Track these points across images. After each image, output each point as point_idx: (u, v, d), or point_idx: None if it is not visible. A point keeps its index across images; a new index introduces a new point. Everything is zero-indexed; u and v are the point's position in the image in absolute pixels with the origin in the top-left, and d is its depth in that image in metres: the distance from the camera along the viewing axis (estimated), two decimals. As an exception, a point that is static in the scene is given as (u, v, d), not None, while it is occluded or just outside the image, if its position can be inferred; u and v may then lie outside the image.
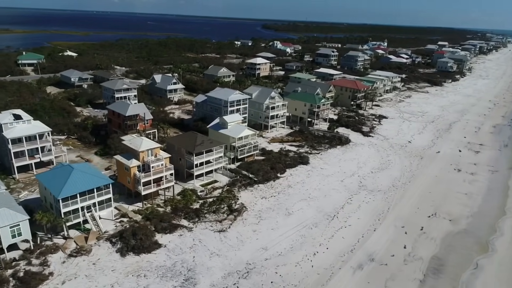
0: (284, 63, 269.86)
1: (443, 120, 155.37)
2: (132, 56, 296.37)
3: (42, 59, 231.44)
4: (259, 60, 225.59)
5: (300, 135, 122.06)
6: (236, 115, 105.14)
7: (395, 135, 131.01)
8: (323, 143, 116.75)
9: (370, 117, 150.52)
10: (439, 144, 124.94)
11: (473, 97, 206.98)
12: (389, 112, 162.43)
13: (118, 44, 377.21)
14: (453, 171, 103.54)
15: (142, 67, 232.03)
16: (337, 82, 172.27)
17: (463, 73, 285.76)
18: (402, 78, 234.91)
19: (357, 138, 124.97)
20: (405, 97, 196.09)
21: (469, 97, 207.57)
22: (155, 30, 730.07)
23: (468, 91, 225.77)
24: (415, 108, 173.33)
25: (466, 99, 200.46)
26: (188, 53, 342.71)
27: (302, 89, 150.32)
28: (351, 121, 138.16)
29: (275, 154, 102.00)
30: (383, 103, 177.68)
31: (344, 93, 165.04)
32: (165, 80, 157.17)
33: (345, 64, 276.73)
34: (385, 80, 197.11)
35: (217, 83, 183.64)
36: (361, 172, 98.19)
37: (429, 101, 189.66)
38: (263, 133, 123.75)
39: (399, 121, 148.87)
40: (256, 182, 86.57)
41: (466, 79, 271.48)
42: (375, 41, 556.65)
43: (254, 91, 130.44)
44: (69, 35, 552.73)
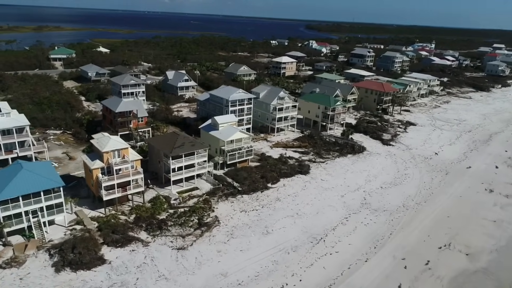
0: (314, 63, 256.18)
1: (482, 130, 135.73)
2: (163, 53, 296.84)
3: (72, 54, 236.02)
4: (284, 59, 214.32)
5: (309, 141, 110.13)
6: (231, 115, 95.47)
7: (421, 145, 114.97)
8: (332, 151, 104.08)
9: (396, 124, 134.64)
10: (472, 158, 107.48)
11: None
12: (419, 118, 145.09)
13: (153, 42, 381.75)
14: (483, 192, 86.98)
15: (167, 64, 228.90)
16: (362, 83, 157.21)
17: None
18: (442, 82, 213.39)
19: (374, 147, 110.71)
20: (442, 102, 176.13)
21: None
22: (195, 29, 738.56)
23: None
24: (451, 115, 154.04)
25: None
26: (220, 52, 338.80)
27: (321, 90, 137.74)
28: (371, 127, 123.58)
29: (272, 161, 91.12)
30: (415, 108, 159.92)
31: (369, 96, 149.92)
32: (177, 77, 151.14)
33: (381, 66, 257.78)
34: (420, 83, 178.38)
35: (235, 81, 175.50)
36: (368, 187, 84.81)
37: (470, 108, 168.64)
38: (269, 136, 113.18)
39: (428, 129, 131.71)
40: (240, 192, 76.52)
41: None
42: (422, 42, 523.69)
43: (262, 90, 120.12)
44: (113, 33, 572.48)
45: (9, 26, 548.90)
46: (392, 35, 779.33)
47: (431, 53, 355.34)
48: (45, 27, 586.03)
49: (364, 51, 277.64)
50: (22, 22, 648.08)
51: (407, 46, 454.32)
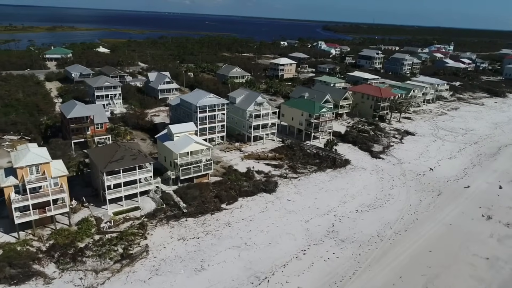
0: (317, 64, 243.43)
1: (491, 142, 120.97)
2: (165, 53, 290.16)
3: (68, 54, 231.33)
4: (282, 60, 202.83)
5: (287, 152, 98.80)
6: (189, 124, 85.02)
7: (415, 159, 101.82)
8: (310, 164, 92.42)
9: (391, 133, 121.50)
10: (473, 175, 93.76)
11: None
12: (420, 127, 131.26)
13: (159, 42, 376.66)
14: (479, 219, 73.76)
15: (163, 65, 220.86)
16: (358, 88, 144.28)
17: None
18: (453, 86, 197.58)
19: (361, 160, 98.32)
20: (450, 109, 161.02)
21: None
22: (208, 30, 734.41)
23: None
24: (458, 123, 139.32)
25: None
26: (226, 53, 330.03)
27: (310, 95, 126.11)
28: (360, 137, 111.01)
29: (234, 176, 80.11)
30: (418, 116, 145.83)
31: (365, 101, 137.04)
32: (158, 79, 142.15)
33: (390, 68, 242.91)
34: (427, 88, 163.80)
35: (225, 83, 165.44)
36: (341, 210, 72.93)
37: (481, 116, 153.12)
38: (244, 146, 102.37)
39: (428, 140, 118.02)
40: (185, 214, 66.12)
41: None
42: (441, 44, 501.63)
43: (239, 95, 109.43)
44: (125, 33, 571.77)
45: (24, 26, 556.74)
46: (410, 36, 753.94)
47: (446, 55, 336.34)
48: (59, 27, 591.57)
49: (372, 52, 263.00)
50: (42, 23, 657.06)
51: (423, 47, 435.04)
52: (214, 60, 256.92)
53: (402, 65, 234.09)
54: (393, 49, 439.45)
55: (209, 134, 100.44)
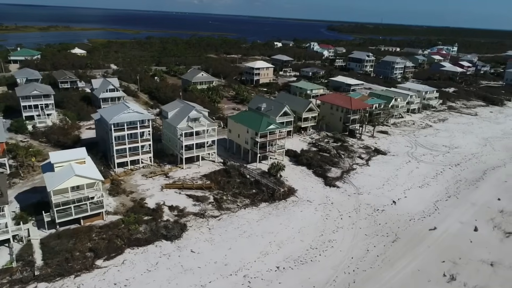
0: (300, 67, 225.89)
1: (476, 163, 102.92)
2: (146, 55, 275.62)
3: (35, 56, 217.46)
4: (258, 64, 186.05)
5: (222, 178, 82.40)
6: (78, 150, 68.91)
7: (378, 187, 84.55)
8: (243, 196, 75.89)
9: (359, 151, 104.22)
10: (444, 212, 76.25)
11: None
12: (396, 144, 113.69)
13: (144, 42, 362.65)
14: (439, 280, 56.49)
15: (131, 68, 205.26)
16: (326, 97, 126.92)
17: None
18: (446, 93, 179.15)
19: (310, 189, 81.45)
20: (437, 120, 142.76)
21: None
22: (207, 30, 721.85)
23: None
24: (441, 139, 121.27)
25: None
26: (212, 54, 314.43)
27: (267, 106, 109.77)
28: (316, 159, 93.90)
29: (129, 219, 63.77)
30: (397, 129, 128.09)
31: (334, 113, 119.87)
32: (102, 86, 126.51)
33: (380, 72, 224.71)
34: (412, 96, 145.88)
35: (186, 90, 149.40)
36: (256, 268, 56.22)
37: (471, 129, 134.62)
38: (173, 170, 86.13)
39: (401, 161, 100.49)
40: (37, 277, 49.97)
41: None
42: (445, 44, 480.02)
43: (173, 108, 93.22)
44: (120, 33, 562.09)
45: (17, 26, 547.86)
46: (415, 36, 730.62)
47: (446, 57, 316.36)
48: (53, 27, 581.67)
49: (362, 55, 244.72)
50: (41, 22, 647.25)
51: (425, 49, 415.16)
52: (194, 63, 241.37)
53: (392, 69, 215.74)
54: (393, 50, 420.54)
55: (131, 156, 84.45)
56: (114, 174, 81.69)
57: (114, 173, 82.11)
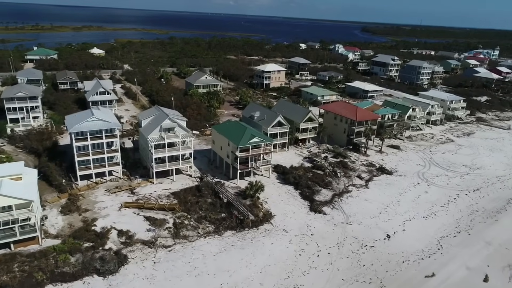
0: (317, 71, 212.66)
1: (499, 190, 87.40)
2: (165, 55, 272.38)
3: (50, 55, 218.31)
4: (269, 67, 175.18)
5: (192, 197, 73.04)
6: (15, 164, 61.52)
7: (373, 216, 72.02)
8: (209, 220, 66.02)
9: (360, 170, 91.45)
10: (450, 252, 62.74)
11: None
12: (406, 161, 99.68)
13: (167, 43, 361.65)
14: None
15: (140, 69, 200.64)
16: (330, 106, 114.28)
17: None
18: (476, 102, 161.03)
19: (292, 215, 70.31)
20: (461, 134, 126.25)
21: None
22: (238, 31, 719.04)
23: None
24: (462, 157, 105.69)
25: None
26: (232, 55, 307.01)
27: (260, 115, 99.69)
28: (306, 178, 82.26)
29: (62, 246, 55.31)
30: (411, 143, 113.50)
31: (338, 124, 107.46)
32: (94, 88, 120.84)
33: (405, 77, 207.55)
34: (432, 106, 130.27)
35: (187, 94, 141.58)
36: (194, 319, 46.28)
37: (500, 146, 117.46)
38: (142, 185, 77.74)
39: (408, 183, 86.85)
40: None
41: None
42: (486, 48, 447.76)
43: (148, 116, 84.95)
44: (149, 33, 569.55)
45: (52, 26, 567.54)
46: (453, 39, 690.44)
47: (484, 61, 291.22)
48: (86, 27, 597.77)
49: (387, 58, 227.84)
50: (79, 23, 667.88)
51: (461, 52, 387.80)
52: (209, 64, 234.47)
53: (418, 74, 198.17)
54: (427, 53, 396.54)
55: (96, 168, 76.83)
56: (75, 187, 74.35)
57: (75, 186, 74.78)
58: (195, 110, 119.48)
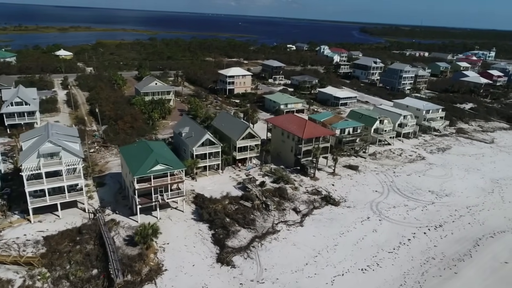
0: (290, 75, 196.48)
1: (469, 224, 71.23)
2: (140, 57, 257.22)
3: (7, 58, 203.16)
4: (232, 71, 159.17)
5: (71, 242, 57.49)
6: None
7: (297, 268, 56.03)
8: (74, 280, 50.37)
9: (301, 199, 75.55)
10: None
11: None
12: (361, 187, 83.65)
13: (147, 43, 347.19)
14: None
15: (105, 73, 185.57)
16: (278, 120, 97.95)
17: None
18: (459, 110, 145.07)
19: (186, 270, 54.44)
20: (435, 150, 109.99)
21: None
22: (231, 31, 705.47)
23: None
24: (431, 180, 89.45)
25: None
26: (211, 56, 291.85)
27: (189, 132, 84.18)
28: (222, 215, 66.46)
29: None
30: (374, 162, 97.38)
31: (286, 141, 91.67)
32: (12, 98, 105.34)
33: (386, 82, 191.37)
34: (405, 117, 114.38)
35: (130, 104, 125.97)
36: None
37: (478, 164, 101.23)
38: (13, 225, 62.18)
39: (354, 218, 70.89)
40: None
41: None
42: (483, 49, 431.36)
43: (31, 136, 69.28)
44: (138, 34, 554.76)
45: (37, 27, 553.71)
46: (449, 40, 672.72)
47: (476, 64, 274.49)
48: (72, 28, 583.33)
49: (369, 61, 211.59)
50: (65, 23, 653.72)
51: (456, 54, 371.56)
52: (183, 67, 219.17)
53: (400, 78, 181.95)
54: (420, 55, 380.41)
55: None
56: None
57: None
58: (128, 122, 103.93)
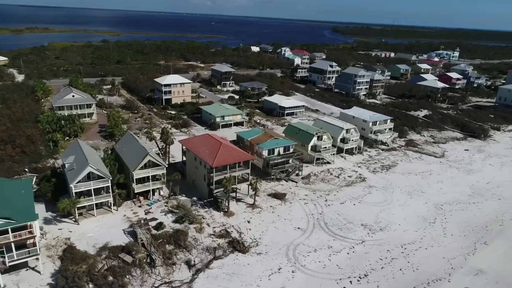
0: (240, 81, 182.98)
1: (399, 274, 59.19)
2: (83, 62, 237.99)
3: None
4: (168, 79, 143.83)
5: None
6: None
7: None
8: None
9: (202, 245, 61.84)
10: None
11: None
12: (283, 222, 70.62)
13: (102, 46, 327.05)
14: None
15: (30, 81, 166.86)
16: (191, 142, 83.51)
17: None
18: (413, 119, 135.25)
19: None
20: (379, 168, 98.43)
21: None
22: (201, 32, 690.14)
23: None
24: (367, 208, 77.40)
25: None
26: (169, 60, 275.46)
27: (72, 163, 69.10)
28: (82, 278, 51.97)
29: None
30: (305, 188, 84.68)
31: (199, 168, 77.84)
32: None
33: (341, 87, 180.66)
34: (348, 131, 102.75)
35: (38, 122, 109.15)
36: None
37: (424, 184, 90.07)
38: None
39: (263, 270, 57.54)
40: None
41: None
42: (449, 49, 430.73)
43: None
44: (99, 34, 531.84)
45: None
46: (416, 39, 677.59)
47: (438, 65, 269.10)
48: (28, 29, 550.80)
49: (325, 64, 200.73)
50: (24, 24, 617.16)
51: (420, 54, 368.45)
52: (118, 72, 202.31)
53: (354, 83, 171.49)
54: (386, 55, 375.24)
55: None
56: None
57: None
58: (18, 147, 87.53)
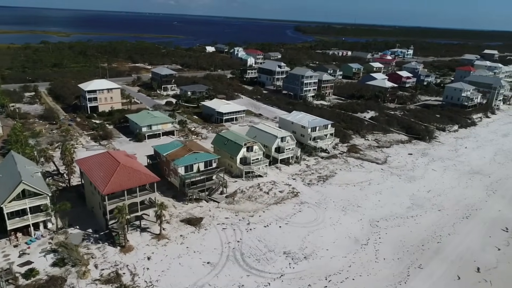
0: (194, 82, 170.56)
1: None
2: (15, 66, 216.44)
3: None
4: (93, 84, 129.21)
5: None
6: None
7: None
8: None
9: (76, 299, 50.17)
10: None
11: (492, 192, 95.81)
12: (191, 256, 59.61)
13: (41, 48, 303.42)
14: None
15: None
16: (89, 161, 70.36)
17: (491, 110, 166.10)
18: (359, 122, 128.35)
19: None
20: (315, 179, 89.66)
21: (488, 188, 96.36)
22: (162, 32, 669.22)
23: (489, 154, 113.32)
24: (294, 231, 68.05)
25: (473, 191, 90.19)
26: (113, 61, 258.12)
27: None
28: None
29: None
30: (227, 208, 74.44)
31: (95, 193, 65.29)
32: None
33: (289, 88, 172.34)
34: (283, 139, 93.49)
35: None
36: None
37: (359, 199, 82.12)
38: None
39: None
40: None
41: (494, 123, 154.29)
42: (404, 47, 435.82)
43: None
44: (46, 35, 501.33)
45: None
46: (373, 38, 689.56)
47: (390, 63, 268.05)
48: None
49: (273, 65, 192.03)
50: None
51: (374, 52, 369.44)
52: (62, 76, 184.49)
53: (302, 85, 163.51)
54: (343, 54, 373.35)
55: None
56: None
57: None
58: None
